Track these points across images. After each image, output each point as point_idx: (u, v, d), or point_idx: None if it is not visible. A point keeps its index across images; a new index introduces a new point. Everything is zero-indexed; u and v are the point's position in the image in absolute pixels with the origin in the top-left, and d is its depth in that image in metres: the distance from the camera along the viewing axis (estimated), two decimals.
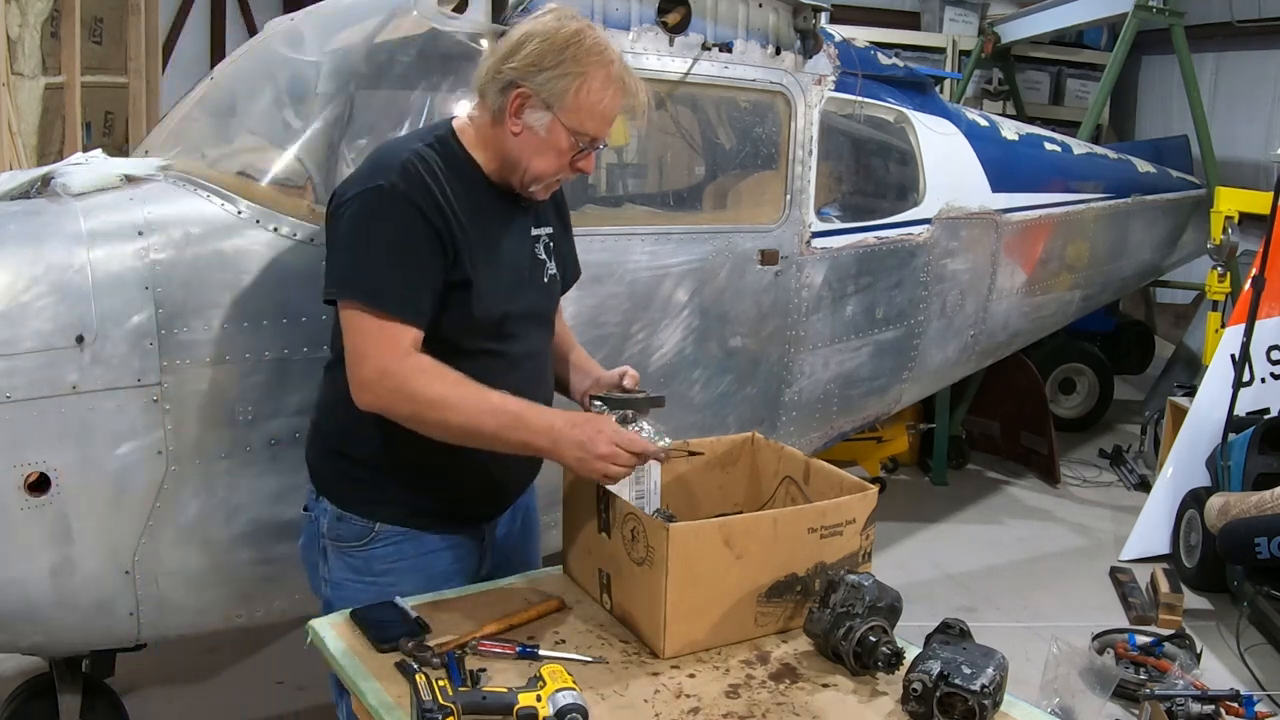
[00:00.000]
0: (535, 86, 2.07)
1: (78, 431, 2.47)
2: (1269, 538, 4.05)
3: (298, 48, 3.34)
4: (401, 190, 2.04)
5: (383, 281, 2.03)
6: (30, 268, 2.47)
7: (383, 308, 2.02)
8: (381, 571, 2.23)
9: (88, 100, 5.84)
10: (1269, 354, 5.14)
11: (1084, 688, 3.38)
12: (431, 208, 2.05)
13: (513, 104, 2.09)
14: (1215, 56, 8.40)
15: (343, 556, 2.25)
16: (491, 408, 2.03)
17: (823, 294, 3.83)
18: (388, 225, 2.04)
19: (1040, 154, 5.41)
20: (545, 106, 2.08)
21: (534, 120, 2.09)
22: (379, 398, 2.05)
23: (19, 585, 2.49)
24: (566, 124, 2.09)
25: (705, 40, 3.34)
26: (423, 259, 2.05)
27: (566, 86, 2.06)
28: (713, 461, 2.45)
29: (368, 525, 2.22)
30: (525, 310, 2.24)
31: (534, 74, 2.06)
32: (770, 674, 1.95)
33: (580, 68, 2.06)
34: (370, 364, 2.04)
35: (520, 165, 2.14)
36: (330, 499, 2.25)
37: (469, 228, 2.10)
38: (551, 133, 2.10)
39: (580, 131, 2.10)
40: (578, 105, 2.08)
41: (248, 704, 3.61)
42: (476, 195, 2.15)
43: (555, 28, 2.08)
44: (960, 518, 5.62)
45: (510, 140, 2.12)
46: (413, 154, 2.10)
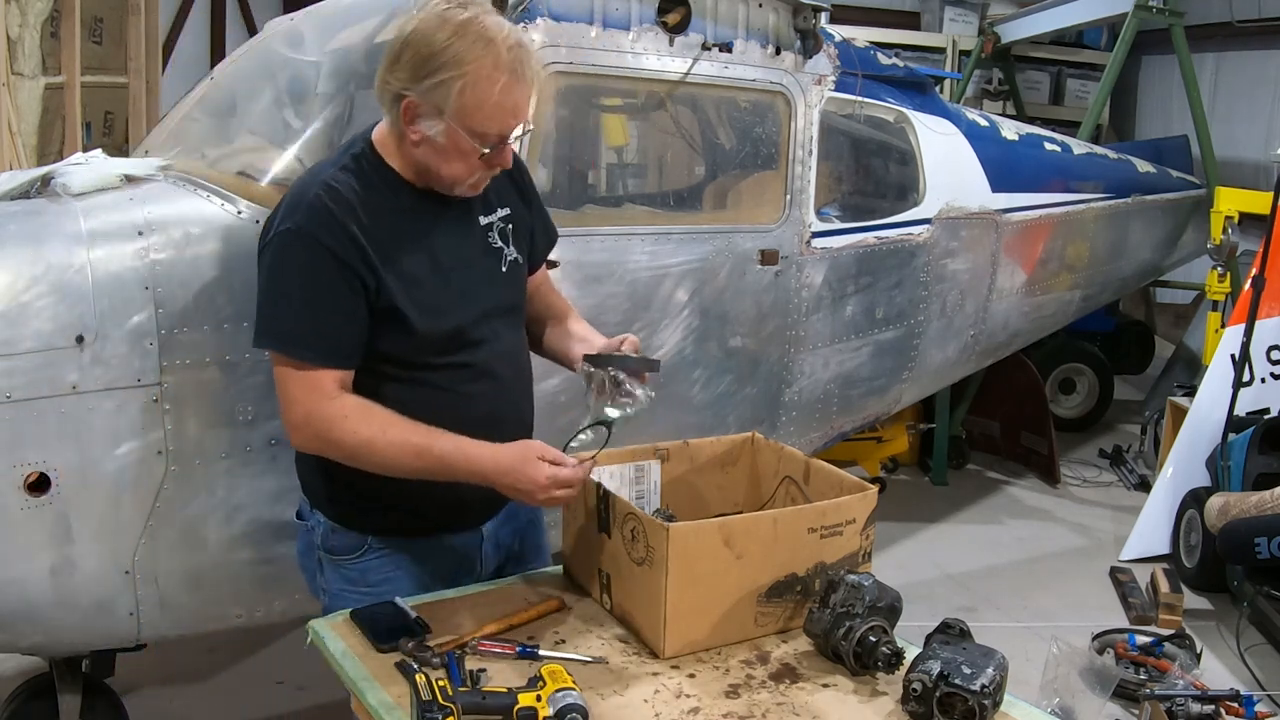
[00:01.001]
0: (420, 95, 1.97)
1: (78, 431, 2.47)
2: (1269, 538, 4.05)
3: (298, 48, 3.34)
4: (308, 231, 1.97)
5: (298, 329, 2.00)
6: (30, 268, 2.47)
7: (300, 356, 2.00)
8: (377, 581, 2.21)
9: (88, 100, 5.84)
10: (1269, 354, 5.14)
11: (1084, 688, 3.38)
12: (343, 244, 1.98)
13: (405, 115, 2.00)
14: (1215, 56, 8.40)
15: (338, 568, 2.24)
16: (416, 451, 2.00)
17: (823, 294, 3.83)
18: (298, 271, 1.99)
19: (1040, 154, 5.41)
20: (437, 113, 1.97)
21: (429, 129, 2.00)
22: (308, 441, 2.05)
23: (19, 585, 2.49)
24: (462, 127, 1.98)
25: (705, 40, 3.34)
26: (338, 300, 1.99)
27: (449, 90, 1.94)
28: (713, 461, 2.45)
29: (360, 538, 2.21)
30: (483, 311, 2.16)
31: (416, 82, 1.96)
32: (770, 674, 1.95)
33: (461, 68, 1.93)
34: (297, 409, 2.02)
35: (432, 172, 2.06)
36: (323, 513, 2.24)
37: (393, 248, 2.03)
38: (450, 138, 1.99)
39: (478, 133, 1.99)
40: (467, 107, 1.96)
41: (248, 704, 3.61)
42: (401, 206, 2.07)
43: (434, 27, 1.95)
44: (960, 518, 5.62)
45: (414, 150, 2.05)
46: (321, 187, 2.01)
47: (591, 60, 3.11)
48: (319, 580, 2.29)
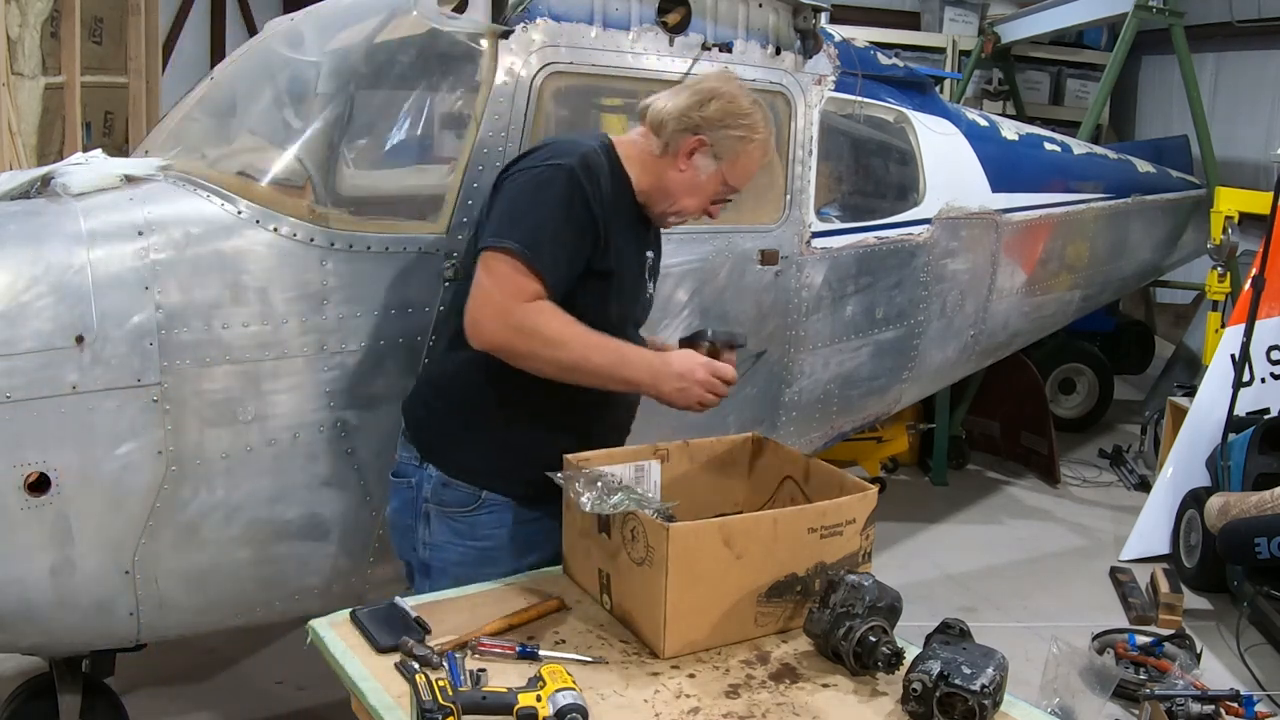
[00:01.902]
0: (714, 139, 2.38)
1: (77, 431, 2.47)
2: (1269, 538, 4.05)
3: (298, 48, 3.34)
4: (577, 174, 2.26)
5: (539, 239, 2.22)
6: (30, 268, 2.48)
7: (526, 259, 2.20)
8: (484, 536, 2.39)
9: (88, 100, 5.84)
10: (1269, 354, 5.15)
11: (1084, 688, 3.38)
12: (596, 198, 2.27)
13: (688, 146, 2.38)
14: (1215, 56, 8.40)
15: (447, 520, 2.40)
16: (599, 345, 2.26)
17: (823, 294, 3.83)
18: (556, 197, 2.25)
19: (1040, 154, 5.41)
20: (715, 157, 2.39)
21: (702, 165, 2.40)
22: (496, 334, 2.22)
23: (19, 585, 2.49)
24: (725, 176, 2.42)
25: (705, 40, 3.34)
26: (575, 236, 2.27)
27: (737, 148, 2.39)
28: (713, 461, 2.46)
29: (474, 492, 2.38)
30: (635, 318, 2.54)
31: (716, 128, 2.37)
32: (770, 674, 1.95)
33: (753, 135, 2.40)
34: (495, 304, 2.22)
35: (672, 198, 2.42)
36: (438, 465, 2.40)
37: (617, 231, 2.34)
38: (710, 179, 2.41)
39: (731, 185, 2.44)
40: (739, 164, 2.42)
41: (248, 704, 3.61)
42: (626, 205, 2.40)
43: (737, 93, 2.41)
44: (960, 518, 5.62)
45: (673, 174, 2.40)
46: (589, 150, 2.33)
47: (591, 60, 3.11)
48: (420, 534, 2.44)
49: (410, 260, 2.82)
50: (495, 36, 2.93)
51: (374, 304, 2.78)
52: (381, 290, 2.79)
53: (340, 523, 2.84)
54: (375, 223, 2.85)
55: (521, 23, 2.95)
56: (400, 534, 2.55)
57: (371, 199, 3.16)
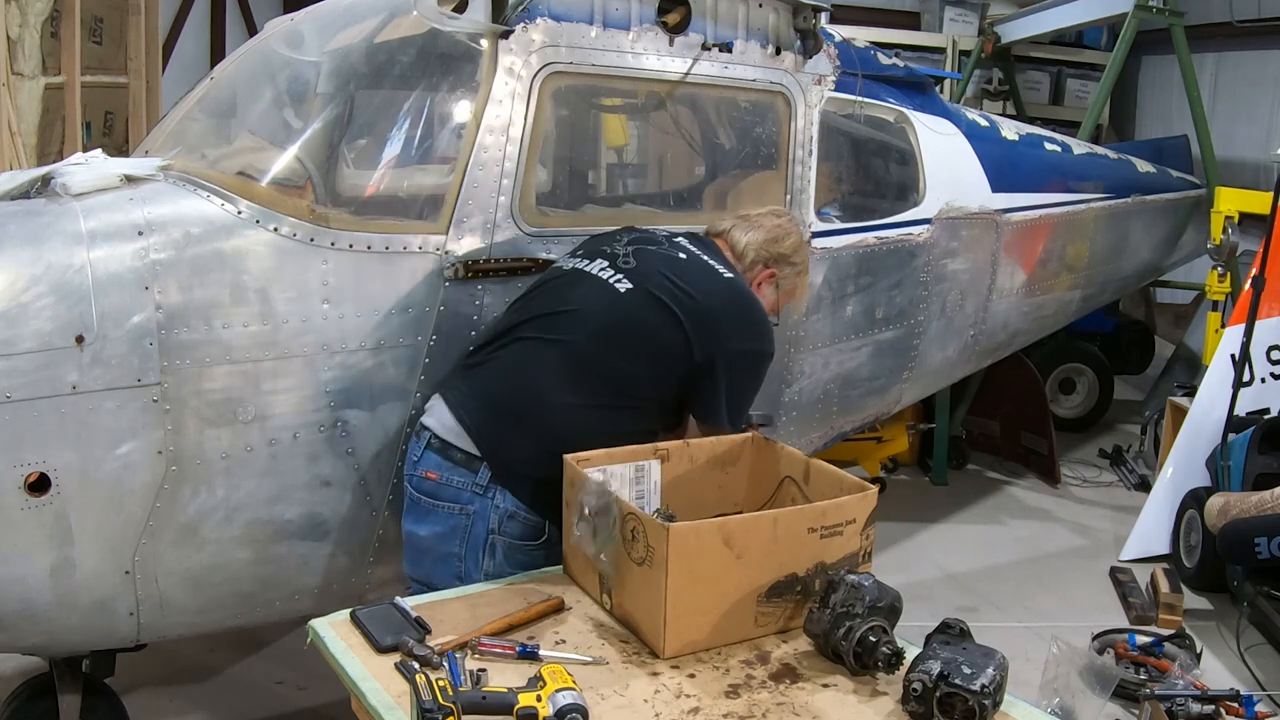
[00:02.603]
0: (782, 272, 2.90)
1: (78, 431, 2.47)
2: (1269, 538, 4.04)
3: (298, 48, 3.34)
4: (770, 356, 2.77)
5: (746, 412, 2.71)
6: (30, 268, 2.47)
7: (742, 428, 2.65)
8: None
9: (88, 100, 5.84)
10: (1269, 354, 5.14)
11: (1084, 688, 3.37)
12: None
13: (764, 275, 2.87)
14: (1215, 56, 8.40)
15: (516, 553, 2.43)
16: None
17: (823, 294, 3.83)
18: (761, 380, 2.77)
19: (1040, 154, 5.40)
20: (776, 286, 2.90)
21: (768, 294, 2.88)
22: None
23: (19, 585, 2.49)
24: (779, 303, 2.95)
25: (705, 40, 3.34)
26: None
27: (795, 281, 2.97)
28: (713, 461, 2.46)
29: (540, 524, 2.43)
30: None
31: (785, 263, 2.90)
32: (770, 674, 1.95)
33: (801, 268, 2.96)
34: None
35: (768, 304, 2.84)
36: (514, 492, 2.42)
37: None
38: (769, 303, 2.86)
39: (777, 311, 2.94)
40: (793, 294, 3.02)
41: (248, 704, 3.61)
42: None
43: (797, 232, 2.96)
44: (960, 518, 5.62)
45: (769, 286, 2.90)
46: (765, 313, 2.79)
47: (591, 60, 3.11)
48: (483, 564, 2.43)
49: (410, 260, 2.82)
50: (495, 36, 2.93)
51: (374, 304, 2.78)
52: (381, 290, 2.79)
53: (340, 523, 2.84)
54: (375, 223, 2.85)
55: (521, 23, 2.95)
56: (437, 561, 2.50)
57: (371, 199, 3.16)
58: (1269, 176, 6.83)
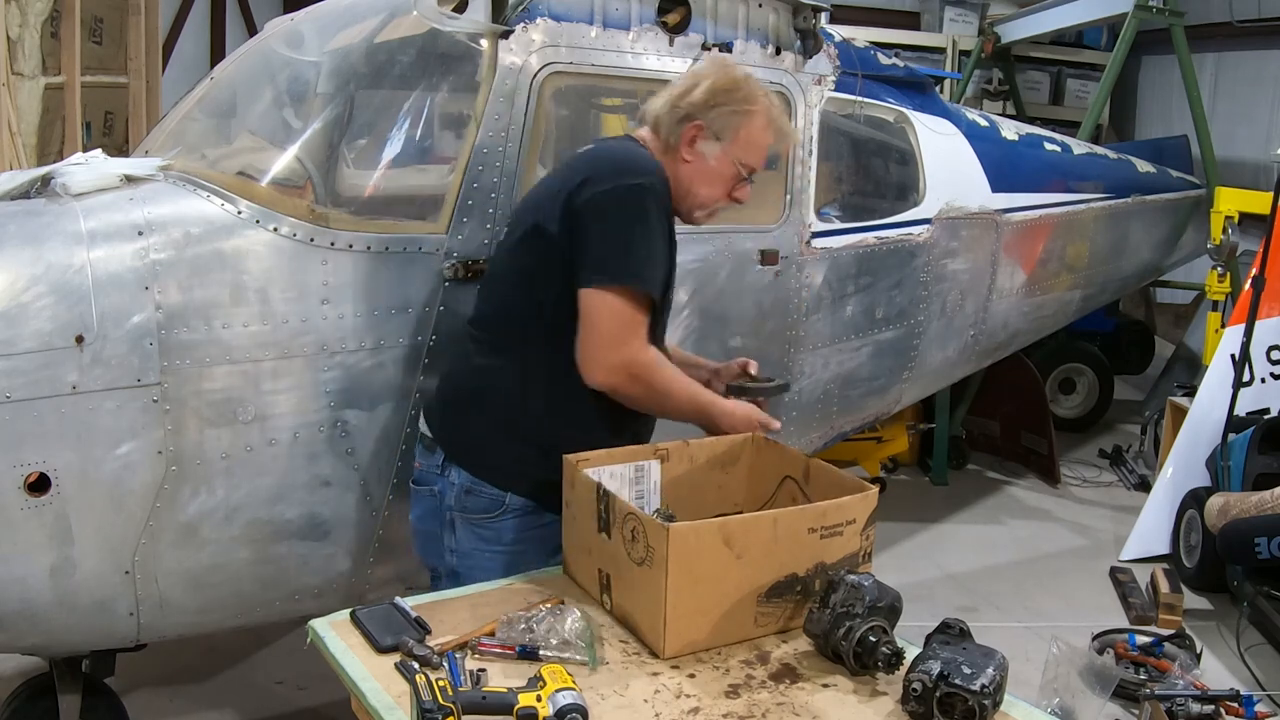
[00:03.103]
0: (708, 120, 2.35)
1: (78, 431, 2.47)
2: (1269, 538, 4.05)
3: (298, 48, 3.34)
4: (658, 189, 2.32)
5: (647, 268, 2.28)
6: (30, 268, 2.47)
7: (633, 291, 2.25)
8: (512, 541, 2.39)
9: (88, 100, 5.84)
10: (1269, 354, 5.14)
11: (1084, 688, 3.37)
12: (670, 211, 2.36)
13: (687, 135, 2.37)
14: (1215, 56, 8.40)
15: (472, 528, 2.41)
16: (694, 400, 2.40)
17: (823, 294, 3.83)
18: (651, 217, 2.29)
19: (1040, 154, 5.41)
20: (715, 138, 2.37)
21: (705, 150, 2.38)
22: (609, 377, 2.28)
23: (19, 585, 2.49)
24: (732, 155, 2.38)
25: (705, 40, 3.34)
26: (667, 251, 2.35)
27: (736, 122, 2.36)
28: (713, 461, 2.45)
29: (498, 497, 2.38)
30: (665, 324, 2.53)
31: (708, 109, 2.35)
32: (770, 674, 1.95)
33: (747, 106, 2.37)
34: (620, 351, 2.26)
35: (689, 192, 2.40)
36: (465, 467, 2.39)
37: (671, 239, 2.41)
38: (719, 163, 2.39)
39: (744, 163, 2.40)
40: (743, 139, 2.38)
41: (248, 704, 3.61)
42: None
43: (725, 71, 2.39)
44: (960, 518, 5.62)
45: (681, 168, 2.39)
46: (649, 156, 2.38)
47: (591, 60, 3.11)
48: (447, 541, 2.44)
49: (410, 260, 2.82)
50: (495, 36, 2.93)
51: (374, 304, 2.78)
52: (381, 290, 2.79)
53: (340, 523, 2.84)
54: (375, 223, 2.85)
55: (521, 23, 2.95)
56: (425, 540, 2.56)
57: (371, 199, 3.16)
58: (1269, 176, 6.83)
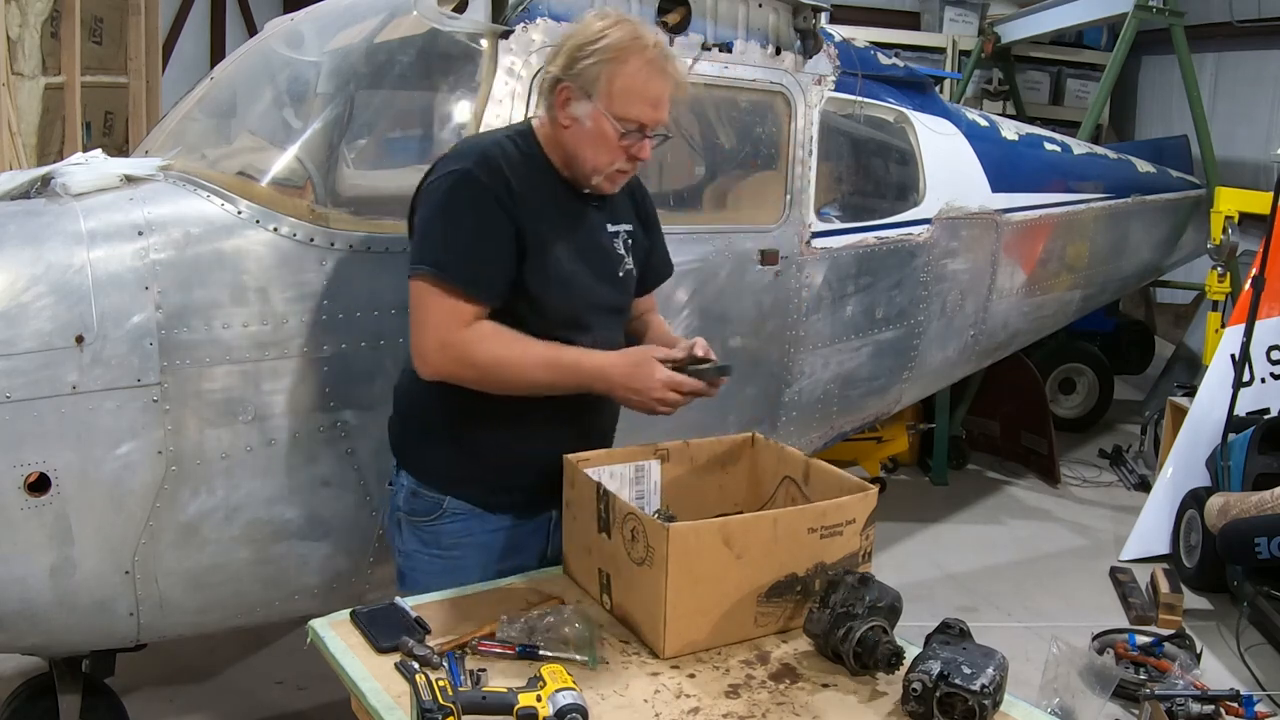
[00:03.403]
0: (573, 79, 2.17)
1: (78, 431, 2.47)
2: (1269, 538, 4.05)
3: (298, 48, 3.34)
4: (477, 175, 2.16)
5: (452, 257, 2.15)
6: (30, 268, 2.47)
7: (448, 281, 2.14)
8: (450, 545, 2.34)
9: (88, 100, 5.84)
10: (1269, 354, 5.14)
11: (1084, 688, 3.38)
12: (501, 191, 2.16)
13: (560, 99, 2.20)
14: (1215, 56, 8.40)
15: (415, 529, 2.37)
16: (546, 361, 2.18)
17: (823, 294, 3.83)
18: (461, 205, 2.17)
19: (1040, 154, 5.41)
20: (586, 96, 2.17)
21: (578, 112, 2.18)
22: (442, 365, 2.18)
23: (19, 585, 2.49)
24: (607, 111, 2.16)
25: (705, 40, 3.34)
26: (492, 237, 2.17)
27: (600, 73, 2.15)
28: (713, 461, 2.45)
29: (438, 500, 2.33)
30: (601, 303, 2.34)
31: (571, 67, 2.17)
32: (770, 674, 1.95)
33: (611, 54, 2.14)
34: (432, 335, 2.16)
35: (577, 158, 2.24)
36: (409, 472, 2.37)
37: (541, 219, 2.21)
38: (596, 122, 2.17)
39: (623, 117, 2.17)
40: (614, 91, 2.15)
41: (248, 704, 3.61)
42: (550, 190, 2.26)
43: (589, 24, 2.20)
44: (960, 518, 5.62)
45: (564, 135, 2.23)
46: (493, 144, 2.24)
47: None
48: (396, 541, 2.43)
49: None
50: (495, 36, 2.93)
51: (374, 304, 2.78)
52: (381, 290, 2.79)
53: (340, 523, 2.84)
54: (375, 223, 2.85)
55: (521, 23, 2.95)
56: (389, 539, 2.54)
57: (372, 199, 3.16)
58: (1269, 176, 6.83)
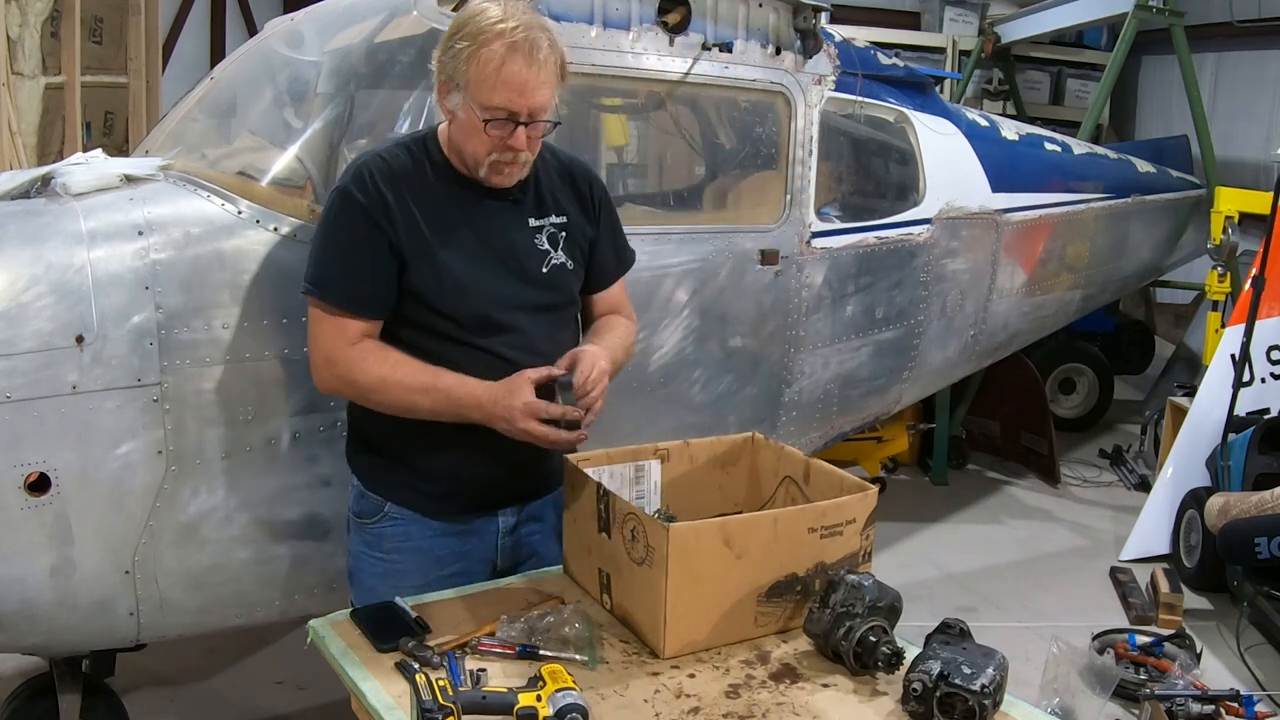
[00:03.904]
0: (442, 68, 2.13)
1: (78, 431, 2.47)
2: (1269, 538, 4.05)
3: (298, 48, 3.34)
4: (348, 191, 2.17)
5: (328, 275, 2.18)
6: (30, 268, 2.47)
7: (327, 299, 2.17)
8: (389, 550, 2.33)
9: (88, 100, 5.84)
10: (1269, 354, 5.14)
11: (1084, 688, 3.38)
12: (374, 203, 2.14)
13: (439, 92, 2.16)
14: (1215, 56, 8.40)
15: (360, 530, 2.38)
16: (423, 386, 2.14)
17: (823, 294, 3.83)
18: (334, 224, 2.19)
19: (1040, 154, 5.41)
20: (456, 87, 2.12)
21: (453, 104, 2.14)
22: (328, 382, 2.23)
23: (19, 585, 2.49)
24: (472, 99, 2.09)
25: (705, 40, 3.34)
26: (366, 253, 2.15)
27: (462, 63, 2.08)
28: (713, 461, 2.45)
29: (379, 503, 2.34)
30: (517, 302, 2.25)
31: (442, 60, 2.13)
32: (770, 674, 1.95)
33: (473, 42, 2.07)
34: (319, 352, 2.21)
35: (463, 151, 2.19)
36: (355, 474, 2.39)
37: (428, 226, 2.17)
38: (466, 112, 2.11)
39: (487, 105, 2.08)
40: (473, 78, 2.08)
41: (248, 704, 3.61)
42: (445, 189, 2.21)
43: (465, 12, 2.13)
44: (960, 518, 5.62)
45: (451, 129, 2.21)
46: (371, 156, 2.22)
47: (591, 60, 3.11)
48: (347, 541, 2.44)
49: None
50: None
51: None
52: None
53: (340, 523, 2.83)
54: None
55: None
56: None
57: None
58: (1269, 176, 6.83)
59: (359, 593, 2.35)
